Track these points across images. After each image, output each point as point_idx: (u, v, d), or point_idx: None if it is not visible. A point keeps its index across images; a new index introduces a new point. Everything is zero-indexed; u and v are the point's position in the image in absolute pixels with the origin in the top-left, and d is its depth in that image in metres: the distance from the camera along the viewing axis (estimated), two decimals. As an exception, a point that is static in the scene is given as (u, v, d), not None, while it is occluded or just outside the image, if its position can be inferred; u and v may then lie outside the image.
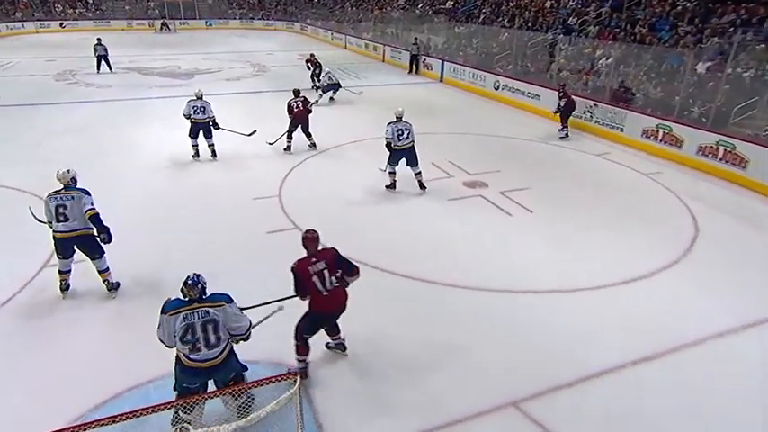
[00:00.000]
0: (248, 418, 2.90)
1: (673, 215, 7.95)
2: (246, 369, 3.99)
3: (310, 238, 4.31)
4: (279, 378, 3.26)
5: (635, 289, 5.94)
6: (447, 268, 6.30)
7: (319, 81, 15.67)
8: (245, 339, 3.85)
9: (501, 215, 7.90)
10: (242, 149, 10.34)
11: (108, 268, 5.66)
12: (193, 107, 9.54)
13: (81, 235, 5.38)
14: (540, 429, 4.08)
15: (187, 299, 3.69)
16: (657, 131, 10.63)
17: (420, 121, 8.89)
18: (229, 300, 3.77)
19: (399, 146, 8.15)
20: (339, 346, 4.76)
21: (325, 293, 4.19)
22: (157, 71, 20.31)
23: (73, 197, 5.31)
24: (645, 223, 7.61)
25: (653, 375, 4.66)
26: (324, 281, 4.19)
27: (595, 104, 12.16)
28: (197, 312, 3.62)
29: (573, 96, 11.82)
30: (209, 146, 9.85)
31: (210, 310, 3.64)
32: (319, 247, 4.34)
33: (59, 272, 5.61)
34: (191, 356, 3.63)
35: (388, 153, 8.27)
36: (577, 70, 14.09)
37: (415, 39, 20.62)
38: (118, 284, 5.79)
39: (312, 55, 17.11)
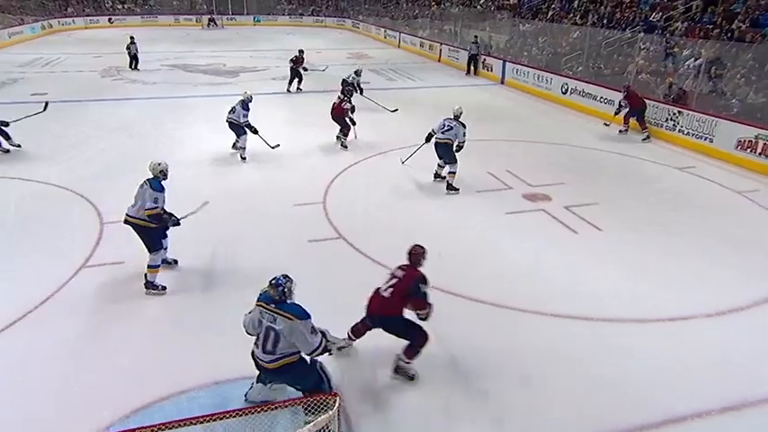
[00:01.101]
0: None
1: (770, 239, 7.49)
2: (323, 382, 4.08)
3: (415, 253, 4.73)
4: (319, 398, 3.22)
5: (726, 323, 5.59)
6: (503, 289, 6.15)
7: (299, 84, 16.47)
8: (318, 355, 4.02)
9: (566, 232, 7.66)
10: (287, 151, 10.50)
11: (156, 266, 5.89)
12: (232, 107, 10.05)
13: (135, 223, 5.79)
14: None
15: (270, 297, 3.93)
16: (756, 143, 10.04)
17: (477, 127, 8.84)
18: (304, 317, 3.87)
19: (436, 138, 8.71)
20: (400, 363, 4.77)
21: (374, 291, 4.64)
22: (202, 68, 21.07)
23: (144, 186, 5.75)
24: (738, 248, 7.18)
25: (746, 426, 4.37)
26: (386, 282, 4.62)
27: (680, 111, 11.66)
28: (269, 315, 3.89)
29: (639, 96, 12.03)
30: (234, 145, 10.34)
31: (278, 319, 3.83)
32: (416, 266, 4.70)
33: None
34: (254, 350, 4.01)
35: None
36: (659, 72, 13.58)
37: (475, 37, 20.49)
38: (156, 287, 5.93)
39: (301, 52, 16.84)
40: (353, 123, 10.95)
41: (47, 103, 9.92)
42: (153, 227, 5.79)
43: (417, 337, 4.60)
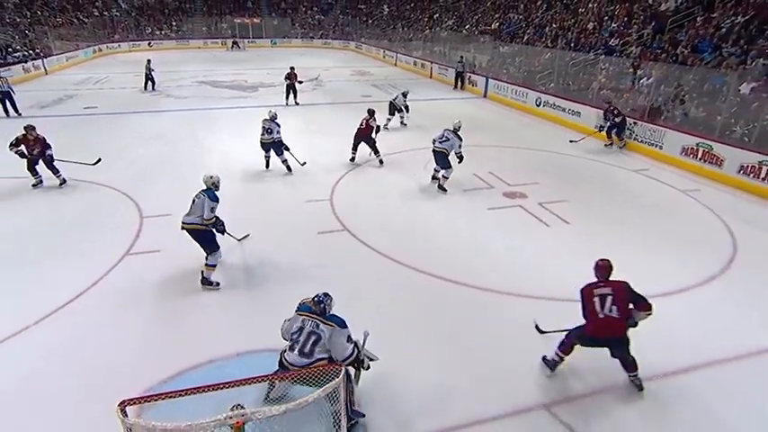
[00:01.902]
0: (297, 402, 2.92)
1: (711, 232, 7.52)
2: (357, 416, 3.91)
3: (602, 266, 4.31)
4: (327, 367, 3.27)
5: (670, 304, 5.62)
6: (484, 274, 6.20)
7: (295, 97, 16.29)
8: (350, 364, 3.85)
9: (539, 225, 7.70)
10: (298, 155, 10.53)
11: (214, 265, 5.82)
12: (263, 127, 9.44)
13: (193, 229, 5.70)
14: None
15: (311, 309, 3.91)
16: (697, 150, 10.10)
17: (464, 135, 8.80)
18: (342, 325, 3.83)
19: (434, 147, 8.66)
20: (634, 381, 4.36)
21: (601, 316, 4.06)
22: (227, 84, 21.02)
23: (201, 197, 5.64)
24: (681, 239, 7.22)
25: (684, 388, 4.43)
26: (603, 305, 4.08)
27: (635, 122, 11.70)
28: (312, 322, 3.82)
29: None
30: (282, 162, 9.65)
31: (321, 325, 3.79)
32: (610, 278, 4.29)
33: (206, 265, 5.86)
34: (286, 356, 3.79)
35: None
36: (618, 89, 13.60)
37: (461, 57, 20.48)
38: (212, 283, 5.82)
39: (291, 68, 16.44)
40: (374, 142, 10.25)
41: (99, 160, 9.33)
42: (209, 230, 5.74)
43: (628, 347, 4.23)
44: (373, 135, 10.12)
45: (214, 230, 5.80)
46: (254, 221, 7.49)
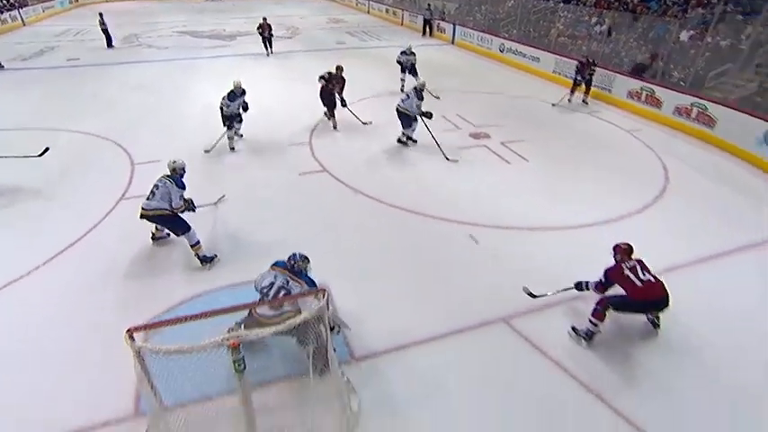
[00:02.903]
0: (285, 324, 2.99)
1: (648, 167, 7.68)
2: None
3: (625, 250, 4.23)
4: (310, 292, 3.33)
5: (611, 229, 5.85)
6: (451, 207, 6.26)
7: (270, 47, 14.75)
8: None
9: (501, 163, 7.73)
10: (276, 102, 10.16)
11: (198, 242, 5.13)
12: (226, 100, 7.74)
13: (158, 215, 5.03)
14: (524, 341, 4.18)
15: (286, 265, 3.81)
16: (641, 93, 10.11)
17: (432, 80, 8.59)
18: (312, 285, 3.74)
19: (397, 107, 7.95)
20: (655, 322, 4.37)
21: (639, 284, 3.93)
22: (206, 34, 19.70)
23: (166, 184, 5.00)
24: (623, 174, 7.38)
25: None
26: (637, 274, 3.99)
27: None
28: (283, 277, 3.72)
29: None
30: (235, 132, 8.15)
31: (291, 282, 3.71)
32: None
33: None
34: (257, 308, 3.61)
35: None
36: (574, 36, 13.29)
37: (428, 4, 19.51)
38: (211, 258, 5.18)
39: (264, 19, 14.94)
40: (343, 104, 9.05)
41: (46, 149, 7.00)
42: (175, 215, 5.06)
43: None
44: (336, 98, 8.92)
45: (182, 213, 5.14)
46: (235, 167, 7.32)
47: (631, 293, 3.96)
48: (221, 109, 7.72)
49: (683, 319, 4.34)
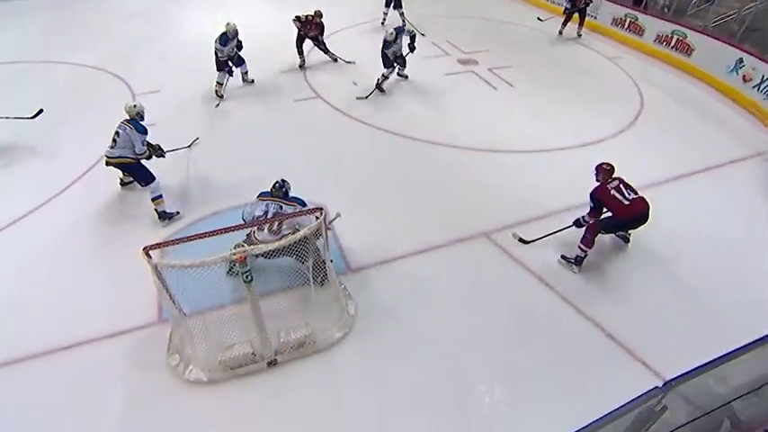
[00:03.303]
0: (288, 239, 3.04)
1: (625, 94, 7.41)
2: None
3: (608, 170, 4.03)
4: (309, 211, 3.35)
5: (589, 151, 5.76)
6: (440, 131, 6.13)
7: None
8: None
9: (488, 89, 7.45)
10: (269, 29, 9.45)
11: (160, 196, 4.57)
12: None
13: (121, 162, 4.52)
14: (503, 253, 4.30)
15: (271, 193, 3.81)
16: (625, 20, 9.47)
17: (424, 5, 7.97)
18: (303, 204, 3.77)
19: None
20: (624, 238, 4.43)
21: (627, 203, 3.85)
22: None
23: (125, 130, 4.42)
24: (602, 99, 7.15)
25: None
26: (622, 193, 3.89)
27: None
28: (275, 204, 3.72)
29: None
30: (243, 74, 7.29)
31: (284, 206, 3.69)
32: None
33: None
34: (256, 235, 3.60)
35: None
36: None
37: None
38: (171, 215, 4.63)
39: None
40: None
41: (40, 111, 5.91)
42: (139, 162, 4.54)
43: None
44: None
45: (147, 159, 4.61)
46: (231, 93, 7.00)
47: (619, 212, 3.89)
48: (216, 54, 6.69)
49: (650, 233, 4.35)
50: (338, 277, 3.76)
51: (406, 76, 7.58)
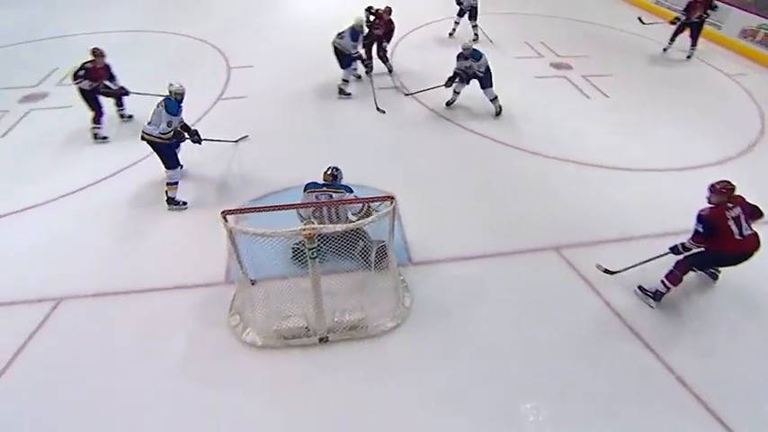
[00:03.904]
0: (356, 222, 3.12)
1: (742, 117, 6.62)
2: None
3: (726, 190, 3.44)
4: (382, 198, 3.38)
5: (687, 176, 5.27)
6: (522, 136, 5.91)
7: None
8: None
9: (580, 97, 7.03)
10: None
11: (175, 183, 4.57)
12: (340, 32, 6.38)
13: (152, 141, 4.46)
14: (572, 270, 4.07)
15: (321, 183, 3.86)
16: (757, 32, 8.39)
17: (521, 4, 7.66)
18: (350, 191, 3.83)
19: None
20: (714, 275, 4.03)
21: (740, 238, 3.39)
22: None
23: (160, 107, 4.42)
24: (712, 120, 6.44)
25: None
26: (740, 226, 3.40)
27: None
28: (324, 195, 3.78)
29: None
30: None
31: (334, 195, 3.77)
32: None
33: None
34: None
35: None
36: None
37: None
38: (177, 203, 4.62)
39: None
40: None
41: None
42: (168, 144, 4.49)
43: None
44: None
45: (173, 144, 4.57)
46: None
47: (727, 246, 3.40)
48: (339, 48, 6.32)
49: (744, 272, 3.78)
50: (398, 268, 3.78)
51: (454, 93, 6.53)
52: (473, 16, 8.41)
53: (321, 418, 3.00)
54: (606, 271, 3.92)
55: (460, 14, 8.49)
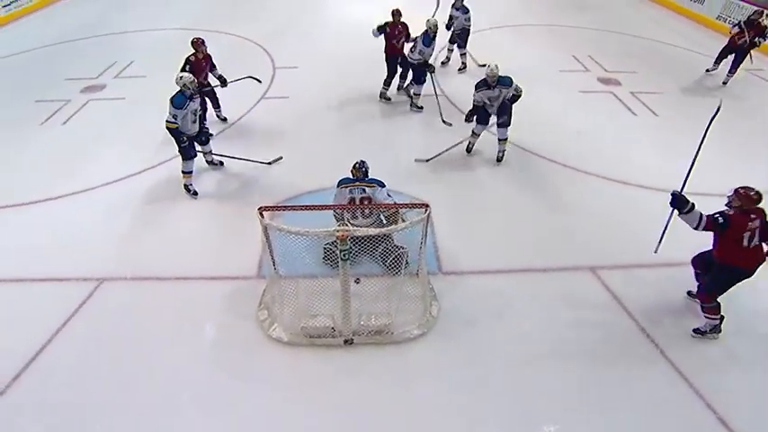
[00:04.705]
0: (388, 228, 3.15)
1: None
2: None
3: (755, 198, 3.39)
4: (415, 205, 3.42)
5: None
6: (563, 151, 5.79)
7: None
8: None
9: (627, 114, 6.82)
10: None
11: (187, 172, 4.82)
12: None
13: (168, 128, 4.58)
14: (607, 292, 3.94)
15: (353, 178, 3.97)
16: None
17: (568, 15, 7.52)
18: (382, 185, 3.93)
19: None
20: None
21: (746, 246, 3.34)
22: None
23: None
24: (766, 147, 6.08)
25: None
26: (752, 239, 3.35)
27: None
28: (357, 189, 3.91)
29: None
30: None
31: (367, 189, 3.87)
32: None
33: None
34: (352, 221, 3.93)
35: None
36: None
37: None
38: (189, 191, 4.90)
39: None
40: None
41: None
42: (179, 136, 4.59)
43: None
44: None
45: (183, 137, 4.61)
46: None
47: (734, 253, 3.34)
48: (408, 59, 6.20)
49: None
50: (428, 276, 3.78)
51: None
52: (463, 41, 7.53)
53: (345, 419, 3.05)
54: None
55: (452, 41, 7.69)
